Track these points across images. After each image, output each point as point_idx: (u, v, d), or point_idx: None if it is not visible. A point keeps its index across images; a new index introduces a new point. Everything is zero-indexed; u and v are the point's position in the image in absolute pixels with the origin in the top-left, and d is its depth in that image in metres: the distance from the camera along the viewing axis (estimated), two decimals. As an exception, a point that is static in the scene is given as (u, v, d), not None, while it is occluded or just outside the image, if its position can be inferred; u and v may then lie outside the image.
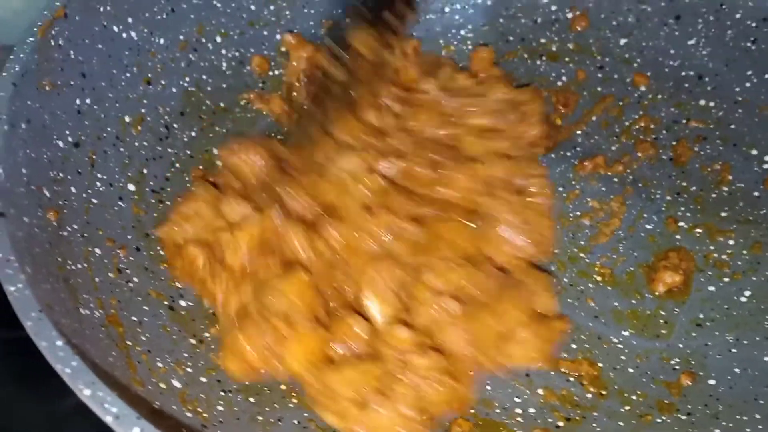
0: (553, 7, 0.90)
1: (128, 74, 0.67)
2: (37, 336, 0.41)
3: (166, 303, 0.62)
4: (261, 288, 0.61)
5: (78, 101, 0.60)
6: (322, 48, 0.80)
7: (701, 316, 0.67)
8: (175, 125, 0.72)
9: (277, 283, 0.60)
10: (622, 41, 0.88)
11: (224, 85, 0.77)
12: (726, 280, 0.69)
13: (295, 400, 0.60)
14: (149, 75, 0.69)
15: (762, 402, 0.60)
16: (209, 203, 0.67)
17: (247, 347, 0.58)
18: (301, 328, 0.59)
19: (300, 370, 0.58)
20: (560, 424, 0.59)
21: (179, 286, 0.64)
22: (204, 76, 0.75)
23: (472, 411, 0.60)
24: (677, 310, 0.67)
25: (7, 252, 0.45)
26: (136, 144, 0.67)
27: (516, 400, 0.61)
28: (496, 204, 0.68)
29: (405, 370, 0.57)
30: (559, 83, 0.86)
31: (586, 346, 0.65)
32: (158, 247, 0.65)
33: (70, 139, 0.59)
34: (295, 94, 0.82)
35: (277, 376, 0.60)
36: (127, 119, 0.66)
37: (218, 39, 0.76)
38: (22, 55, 0.55)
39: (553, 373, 0.63)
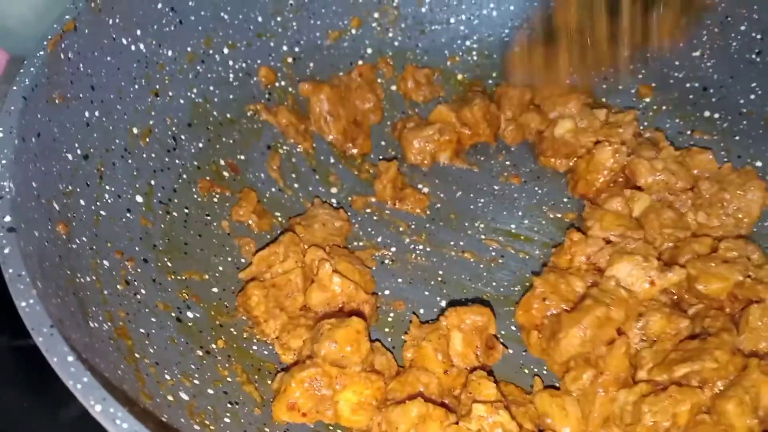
0: (558, 18, 0.90)
1: (136, 86, 0.67)
2: (49, 352, 0.42)
3: (173, 315, 0.63)
4: (315, 336, 0.62)
5: (87, 114, 0.61)
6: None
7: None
8: (183, 136, 0.72)
9: (331, 332, 0.61)
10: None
11: (231, 97, 0.78)
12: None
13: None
14: (157, 87, 0.69)
15: None
16: (290, 249, 0.70)
17: (297, 393, 0.58)
18: (354, 375, 0.59)
19: (350, 416, 0.59)
20: None
21: (186, 297, 0.65)
22: (211, 88, 0.76)
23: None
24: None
25: (18, 267, 0.45)
26: (144, 156, 0.67)
27: None
28: None
29: None
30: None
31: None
32: (166, 259, 0.66)
33: (79, 151, 0.59)
34: (327, 135, 0.83)
35: (325, 419, 0.60)
36: (135, 131, 0.67)
37: (225, 50, 0.76)
38: (32, 69, 0.55)
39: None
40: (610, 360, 0.60)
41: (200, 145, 0.74)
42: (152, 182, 0.68)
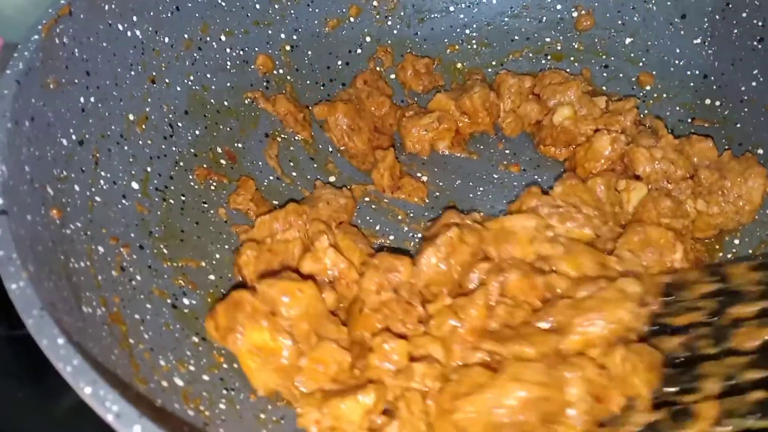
0: (559, 6, 0.90)
1: (133, 73, 0.67)
2: (39, 334, 0.41)
3: (168, 301, 0.62)
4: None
5: (82, 99, 0.60)
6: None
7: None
8: (180, 124, 0.72)
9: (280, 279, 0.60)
10: (628, 40, 0.88)
11: (229, 84, 0.77)
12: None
13: (297, 399, 0.60)
14: (154, 73, 0.69)
15: None
16: (291, 216, 0.69)
17: (221, 310, 0.59)
18: (271, 321, 0.58)
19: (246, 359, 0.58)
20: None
21: (182, 284, 0.65)
22: (208, 75, 0.75)
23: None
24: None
25: (9, 249, 0.44)
26: (141, 142, 0.67)
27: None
28: None
29: None
30: (564, 82, 0.86)
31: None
32: (162, 245, 0.65)
33: (74, 137, 0.59)
34: (353, 149, 0.83)
35: (231, 347, 0.59)
36: (131, 117, 0.66)
37: (223, 38, 0.76)
38: (26, 53, 0.54)
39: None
40: (468, 309, 0.59)
41: (197, 132, 0.73)
42: (148, 169, 0.67)
